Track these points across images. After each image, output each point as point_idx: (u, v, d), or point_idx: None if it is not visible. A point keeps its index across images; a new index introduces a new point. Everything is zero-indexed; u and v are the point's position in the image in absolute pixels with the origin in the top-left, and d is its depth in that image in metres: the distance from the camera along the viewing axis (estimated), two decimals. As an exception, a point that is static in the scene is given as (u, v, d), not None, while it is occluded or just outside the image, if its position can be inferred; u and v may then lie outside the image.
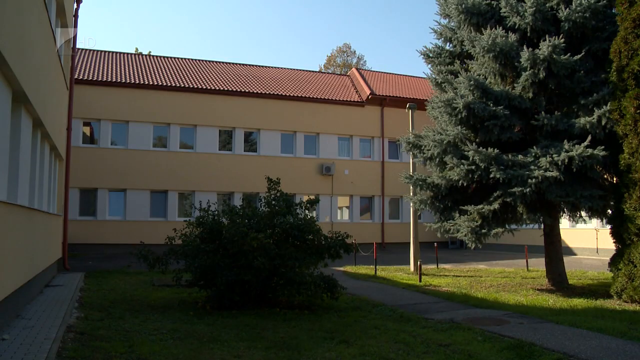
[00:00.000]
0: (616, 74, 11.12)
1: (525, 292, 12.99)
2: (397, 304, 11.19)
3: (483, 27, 13.12)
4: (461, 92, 12.66)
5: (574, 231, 23.59)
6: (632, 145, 10.61)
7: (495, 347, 7.28)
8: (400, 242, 26.66)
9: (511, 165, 11.86)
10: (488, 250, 23.46)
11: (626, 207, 10.69)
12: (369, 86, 30.98)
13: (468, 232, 12.44)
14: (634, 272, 10.52)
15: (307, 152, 29.07)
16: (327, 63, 57.83)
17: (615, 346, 7.38)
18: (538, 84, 12.29)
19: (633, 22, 10.81)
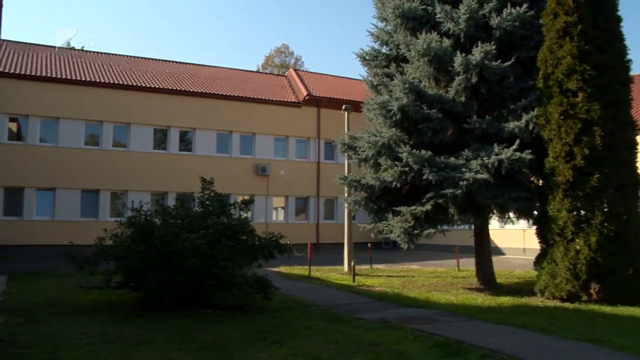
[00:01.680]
0: (542, 81, 11.60)
1: (456, 291, 13.28)
2: (330, 304, 11.23)
3: (419, 32, 13.34)
4: (396, 94, 12.85)
5: (503, 232, 24.32)
6: (557, 149, 11.08)
7: (425, 345, 7.41)
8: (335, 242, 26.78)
9: (443, 167, 12.11)
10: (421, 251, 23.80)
11: (550, 209, 11.13)
12: (306, 87, 31.05)
13: (401, 232, 12.64)
14: (556, 271, 10.98)
15: (243, 152, 28.86)
16: (265, 63, 57.60)
17: (536, 341, 7.70)
18: (470, 88, 12.61)
19: (557, 33, 11.33)
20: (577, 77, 10.94)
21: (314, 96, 30.14)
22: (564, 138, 10.95)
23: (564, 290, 10.85)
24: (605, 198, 10.64)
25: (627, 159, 11.08)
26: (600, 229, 10.46)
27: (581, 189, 10.71)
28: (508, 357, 6.76)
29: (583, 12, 11.09)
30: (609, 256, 10.41)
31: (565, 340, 7.69)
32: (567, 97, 11.07)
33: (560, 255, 10.86)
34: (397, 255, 25.02)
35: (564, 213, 10.84)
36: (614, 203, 10.62)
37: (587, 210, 10.73)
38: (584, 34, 11.04)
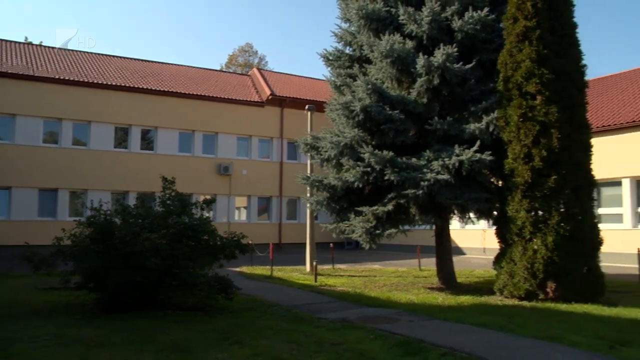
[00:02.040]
0: (502, 84, 11.80)
1: (417, 290, 13.40)
2: (292, 304, 11.23)
3: (382, 33, 13.41)
4: (359, 95, 12.91)
5: (464, 232, 24.68)
6: (516, 151, 11.29)
7: (386, 344, 7.46)
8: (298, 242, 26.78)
9: (405, 167, 12.20)
10: (382, 251, 24.00)
11: (509, 209, 11.33)
12: (270, 87, 30.99)
13: (363, 232, 12.70)
14: (514, 270, 11.17)
15: (205, 152, 28.66)
16: (229, 62, 57.25)
17: (494, 339, 7.82)
18: (432, 90, 12.73)
19: (517, 37, 11.54)
20: (535, 80, 11.17)
21: (278, 96, 30.11)
22: (523, 140, 11.16)
23: (522, 289, 11.05)
24: (562, 199, 10.87)
25: (583, 161, 11.35)
26: (557, 229, 10.69)
27: (539, 189, 10.93)
28: (467, 355, 6.85)
29: (541, 17, 11.31)
30: (565, 255, 10.64)
31: (522, 338, 7.83)
32: (526, 100, 11.28)
33: (519, 255, 11.06)
34: (359, 255, 25.14)
35: (523, 213, 11.04)
36: (570, 204, 10.86)
37: (544, 211, 10.94)
38: (542, 38, 11.27)
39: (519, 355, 7.00)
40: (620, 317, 9.46)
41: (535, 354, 7.00)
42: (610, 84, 24.93)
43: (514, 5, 11.70)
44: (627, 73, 25.67)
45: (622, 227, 19.89)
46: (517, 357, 6.91)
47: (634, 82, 23.79)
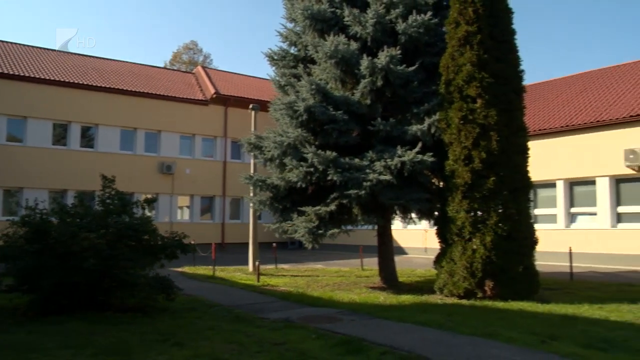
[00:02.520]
0: (444, 87, 12.02)
1: (359, 290, 13.50)
2: (234, 304, 11.15)
3: (327, 34, 13.46)
4: (303, 95, 12.92)
5: (406, 232, 25.03)
6: (456, 152, 11.51)
7: (328, 343, 7.47)
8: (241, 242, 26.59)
9: (348, 168, 12.28)
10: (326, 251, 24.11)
11: (449, 210, 11.54)
12: (214, 85, 30.70)
13: (305, 232, 12.70)
14: (454, 269, 11.39)
15: (147, 150, 28.17)
16: (173, 59, 56.35)
17: (433, 337, 7.95)
18: (376, 91, 12.84)
19: (459, 41, 11.78)
20: (476, 84, 11.41)
21: (222, 94, 29.87)
22: (464, 142, 11.40)
23: (462, 287, 11.27)
24: (500, 200, 11.13)
25: (520, 163, 11.67)
26: (495, 229, 10.96)
27: (478, 191, 11.17)
28: (406, 353, 6.94)
29: (482, 23, 11.57)
30: (503, 255, 10.91)
31: (460, 335, 7.99)
32: (467, 103, 11.52)
33: (459, 255, 11.29)
34: (302, 255, 25.17)
35: (462, 214, 11.27)
36: (508, 205, 11.14)
37: (483, 211, 11.20)
38: (482, 43, 11.53)
39: (456, 352, 7.14)
40: (552, 313, 9.80)
41: (472, 351, 7.16)
42: (546, 90, 25.80)
43: (456, 10, 11.93)
44: (561, 79, 26.63)
45: (556, 227, 20.61)
46: (455, 353, 7.05)
47: (568, 88, 24.69)
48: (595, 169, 19.73)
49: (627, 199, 19.26)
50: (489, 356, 6.90)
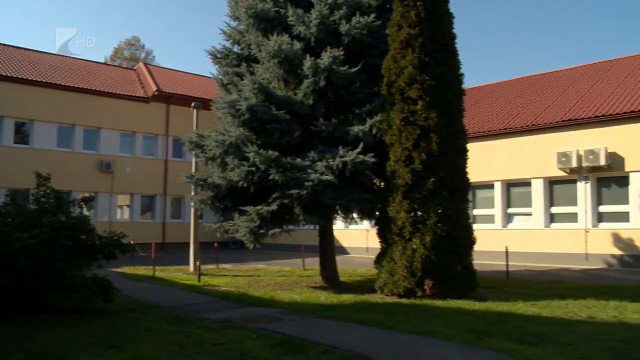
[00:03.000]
0: (386, 89, 12.15)
1: (300, 290, 13.52)
2: (174, 304, 10.98)
3: (270, 33, 13.43)
4: (245, 94, 12.85)
5: (348, 232, 25.21)
6: (397, 153, 11.66)
7: (268, 343, 7.44)
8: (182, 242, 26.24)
9: (290, 168, 12.28)
10: (268, 250, 24.06)
11: (390, 210, 11.68)
12: (156, 82, 30.16)
13: (247, 232, 12.63)
14: (394, 269, 11.53)
15: (86, 147, 27.42)
16: (114, 55, 55.01)
17: (373, 335, 8.02)
18: (318, 91, 12.89)
19: (401, 43, 11.93)
20: (417, 86, 11.59)
21: (164, 92, 29.39)
22: (404, 143, 11.55)
23: (402, 286, 11.43)
24: (439, 200, 11.33)
25: (459, 165, 11.95)
26: (435, 229, 11.15)
27: (418, 191, 11.34)
28: (346, 351, 6.97)
29: (424, 26, 11.75)
30: (442, 254, 11.12)
31: (400, 334, 8.08)
32: (408, 105, 11.68)
33: (399, 254, 11.43)
34: (244, 255, 25.03)
35: (403, 214, 11.43)
36: (447, 205, 11.36)
37: (423, 212, 11.37)
38: (424, 46, 11.71)
39: (395, 349, 7.23)
40: (488, 311, 10.04)
41: (411, 348, 7.26)
42: (485, 93, 26.49)
43: (398, 13, 12.08)
44: (500, 83, 27.39)
45: (493, 227, 21.18)
46: (394, 351, 7.14)
47: (506, 92, 25.44)
48: (530, 171, 20.37)
49: (559, 200, 19.98)
50: (427, 353, 7.02)
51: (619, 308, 10.22)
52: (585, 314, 9.69)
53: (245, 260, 22.83)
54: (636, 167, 18.01)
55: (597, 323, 8.99)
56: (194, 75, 35.36)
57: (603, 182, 19.11)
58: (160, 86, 29.78)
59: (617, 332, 8.17)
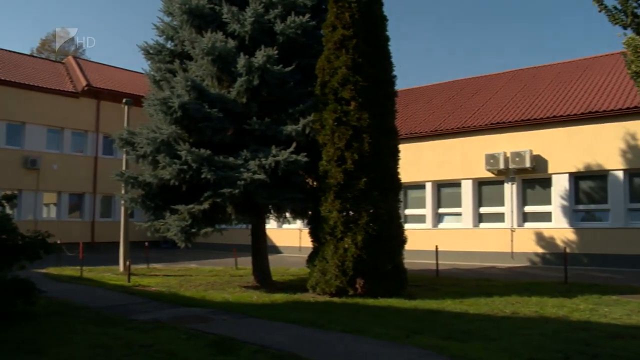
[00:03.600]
0: (320, 89, 12.23)
1: (232, 289, 13.46)
2: (101, 306, 10.72)
3: (204, 30, 13.28)
4: (178, 91, 12.64)
5: (281, 231, 25.21)
6: (330, 153, 11.75)
7: (199, 344, 7.40)
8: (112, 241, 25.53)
9: (222, 166, 12.19)
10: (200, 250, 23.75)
11: (322, 209, 11.75)
12: (86, 77, 29.25)
13: (178, 231, 12.45)
14: (326, 268, 11.62)
15: (10, 143, 26.25)
16: (41, 47, 52.98)
17: (305, 334, 8.11)
18: (252, 90, 12.84)
19: (335, 44, 12.04)
20: (350, 87, 11.71)
21: (94, 87, 28.57)
22: (337, 143, 11.65)
23: (333, 285, 11.52)
24: (371, 200, 11.47)
25: (391, 165, 12.15)
26: (366, 229, 11.30)
27: (350, 191, 11.47)
28: (277, 351, 7.01)
29: (358, 28, 11.88)
30: (373, 253, 11.28)
31: (331, 332, 8.19)
32: (341, 105, 11.78)
33: (331, 253, 11.52)
34: (176, 255, 24.63)
35: (335, 213, 11.52)
36: (378, 205, 11.52)
37: (355, 211, 11.50)
38: (358, 48, 11.84)
39: (326, 348, 7.32)
40: (418, 309, 10.28)
41: (342, 347, 7.37)
42: (418, 95, 27.05)
43: (333, 14, 12.18)
44: (432, 86, 28.04)
45: (424, 226, 21.64)
46: (325, 350, 7.22)
47: (438, 95, 26.06)
48: (460, 172, 20.93)
49: (487, 201, 20.61)
50: (358, 351, 7.14)
51: (540, 304, 10.67)
52: (509, 310, 10.06)
53: (176, 259, 22.49)
54: (558, 169, 18.81)
55: (520, 318, 9.36)
56: (125, 70, 34.47)
57: (528, 184, 19.86)
58: (90, 81, 28.91)
59: (537, 327, 8.56)
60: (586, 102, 19.06)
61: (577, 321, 9.04)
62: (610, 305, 10.52)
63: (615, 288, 12.59)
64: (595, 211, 18.67)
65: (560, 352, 6.86)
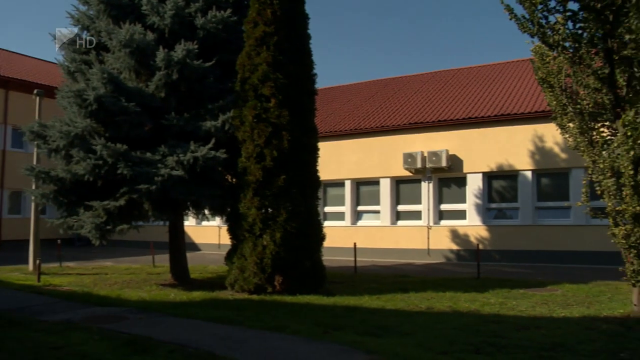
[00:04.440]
0: (240, 85, 12.16)
1: (149, 287, 13.21)
2: (7, 307, 10.21)
3: (122, 21, 12.88)
4: (94, 84, 12.21)
5: (200, 228, 24.91)
6: (249, 150, 11.71)
7: (112, 344, 7.20)
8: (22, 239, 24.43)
9: (139, 162, 11.89)
10: (116, 247, 23.15)
11: (241, 206, 11.71)
12: (-7, 66, 27.82)
13: (92, 228, 12.03)
14: (244, 265, 11.59)
15: None
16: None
17: (223, 332, 8.03)
18: (171, 84, 12.59)
19: (256, 40, 11.99)
20: (270, 84, 11.70)
21: (2, 76, 27.13)
22: (256, 140, 11.63)
23: (252, 283, 11.50)
24: (290, 197, 11.52)
25: (310, 163, 12.24)
26: (285, 226, 11.34)
27: (269, 188, 11.48)
28: (194, 349, 6.94)
29: (279, 25, 11.88)
30: (292, 250, 11.35)
31: (249, 330, 8.17)
32: (261, 102, 11.76)
33: (249, 251, 11.50)
34: (91, 253, 23.84)
35: (254, 211, 11.50)
36: (297, 202, 11.58)
37: (273, 209, 11.52)
38: (279, 45, 11.85)
39: (244, 345, 7.30)
40: (336, 305, 10.42)
41: (260, 344, 7.37)
42: (338, 94, 27.36)
43: (255, 10, 12.12)
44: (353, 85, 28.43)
45: (343, 224, 21.91)
46: (243, 347, 7.20)
47: (358, 94, 26.45)
48: (379, 170, 21.31)
49: (405, 199, 21.10)
50: (275, 348, 7.15)
51: (453, 299, 11.05)
52: (424, 305, 10.36)
53: (91, 258, 21.76)
54: (472, 169, 19.50)
55: (434, 313, 9.67)
56: (37, 59, 33.02)
57: (444, 183, 20.48)
58: (-2, 70, 27.52)
59: (451, 321, 8.87)
60: (499, 104, 19.87)
61: (487, 314, 9.43)
62: (518, 298, 11.05)
63: (523, 282, 13.24)
64: (506, 209, 19.48)
65: (472, 344, 7.14)
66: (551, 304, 10.42)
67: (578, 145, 9.57)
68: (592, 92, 9.23)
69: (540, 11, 8.87)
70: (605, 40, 8.71)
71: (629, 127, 8.24)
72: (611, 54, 8.73)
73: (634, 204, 8.39)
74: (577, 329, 8.03)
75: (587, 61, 8.92)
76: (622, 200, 8.61)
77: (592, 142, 9.30)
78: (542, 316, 9.26)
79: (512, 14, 9.26)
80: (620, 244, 8.79)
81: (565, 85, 9.69)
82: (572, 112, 9.48)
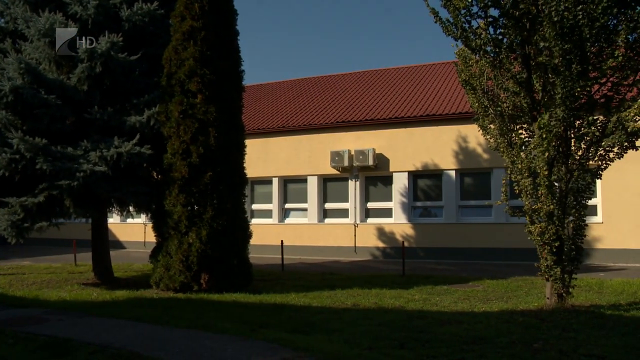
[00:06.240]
0: (166, 80, 11.94)
1: (70, 287, 12.82)
2: None
3: (41, 9, 12.37)
4: (10, 74, 11.69)
5: (125, 225, 24.26)
6: (175, 146, 11.52)
7: (29, 348, 6.92)
8: None
9: (60, 157, 11.47)
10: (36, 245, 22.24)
11: (167, 204, 11.53)
12: None
13: (8, 226, 11.52)
14: (170, 263, 11.41)
15: None
16: None
17: (148, 332, 7.88)
18: (94, 77, 12.21)
19: (183, 35, 11.81)
20: (197, 79, 11.54)
21: None
22: (182, 136, 11.45)
23: (178, 281, 11.33)
24: (216, 195, 11.41)
25: (237, 160, 12.15)
26: (211, 223, 11.23)
27: (196, 185, 11.34)
28: (117, 350, 6.76)
29: (207, 20, 11.73)
30: (218, 248, 11.26)
31: (175, 329, 8.02)
32: (188, 98, 11.59)
33: (175, 248, 11.32)
34: (8, 251, 22.73)
35: (179, 208, 11.33)
36: (224, 200, 11.48)
37: (200, 206, 11.40)
38: (206, 40, 11.69)
39: (170, 345, 7.16)
40: (263, 303, 10.42)
41: (186, 343, 7.24)
42: (267, 91, 27.29)
43: (182, 4, 11.91)
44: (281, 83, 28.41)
45: (271, 221, 21.86)
46: (169, 347, 7.06)
47: (287, 92, 26.47)
48: (307, 168, 21.36)
49: (332, 197, 21.26)
50: (202, 347, 7.05)
51: (379, 295, 11.24)
52: (351, 302, 10.49)
53: (7, 257, 20.78)
54: (399, 168, 19.85)
55: (360, 310, 9.79)
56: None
57: (371, 181, 20.75)
58: None
59: (377, 317, 9.00)
60: (425, 105, 20.31)
61: (412, 310, 9.64)
62: (441, 294, 11.37)
63: (447, 279, 13.60)
64: (431, 207, 19.95)
65: (397, 340, 7.27)
66: (473, 299, 10.77)
67: (498, 146, 9.89)
68: (512, 95, 9.57)
69: (464, 15, 9.15)
70: (523, 47, 9.09)
71: (544, 129, 8.63)
72: (528, 60, 9.12)
73: (548, 202, 8.79)
74: (496, 323, 8.33)
75: (507, 65, 9.27)
76: (537, 199, 8.99)
77: (511, 143, 9.64)
78: (464, 311, 9.55)
79: (437, 17, 9.50)
80: (535, 240, 9.16)
81: (487, 88, 10.01)
82: (493, 114, 9.80)
